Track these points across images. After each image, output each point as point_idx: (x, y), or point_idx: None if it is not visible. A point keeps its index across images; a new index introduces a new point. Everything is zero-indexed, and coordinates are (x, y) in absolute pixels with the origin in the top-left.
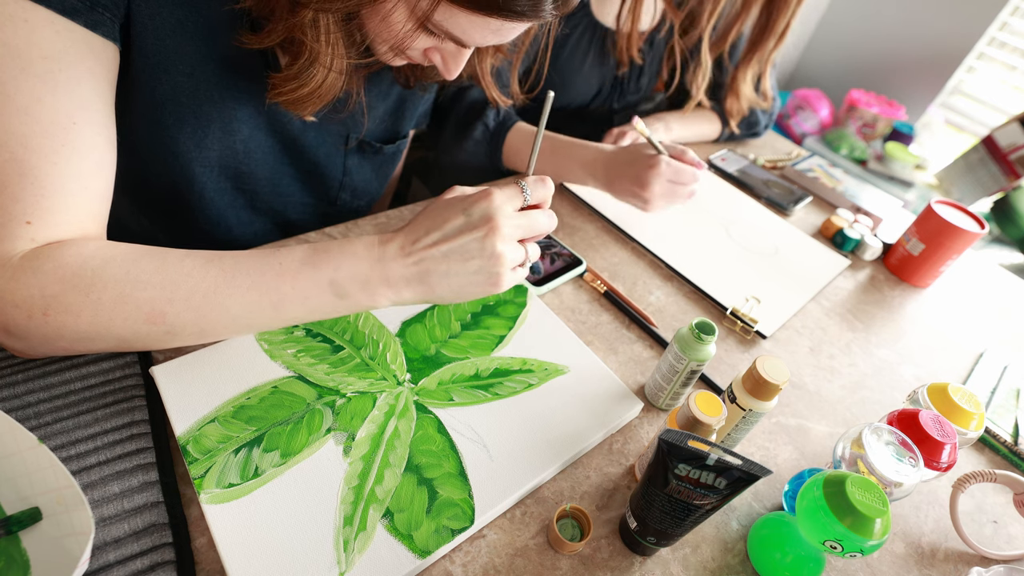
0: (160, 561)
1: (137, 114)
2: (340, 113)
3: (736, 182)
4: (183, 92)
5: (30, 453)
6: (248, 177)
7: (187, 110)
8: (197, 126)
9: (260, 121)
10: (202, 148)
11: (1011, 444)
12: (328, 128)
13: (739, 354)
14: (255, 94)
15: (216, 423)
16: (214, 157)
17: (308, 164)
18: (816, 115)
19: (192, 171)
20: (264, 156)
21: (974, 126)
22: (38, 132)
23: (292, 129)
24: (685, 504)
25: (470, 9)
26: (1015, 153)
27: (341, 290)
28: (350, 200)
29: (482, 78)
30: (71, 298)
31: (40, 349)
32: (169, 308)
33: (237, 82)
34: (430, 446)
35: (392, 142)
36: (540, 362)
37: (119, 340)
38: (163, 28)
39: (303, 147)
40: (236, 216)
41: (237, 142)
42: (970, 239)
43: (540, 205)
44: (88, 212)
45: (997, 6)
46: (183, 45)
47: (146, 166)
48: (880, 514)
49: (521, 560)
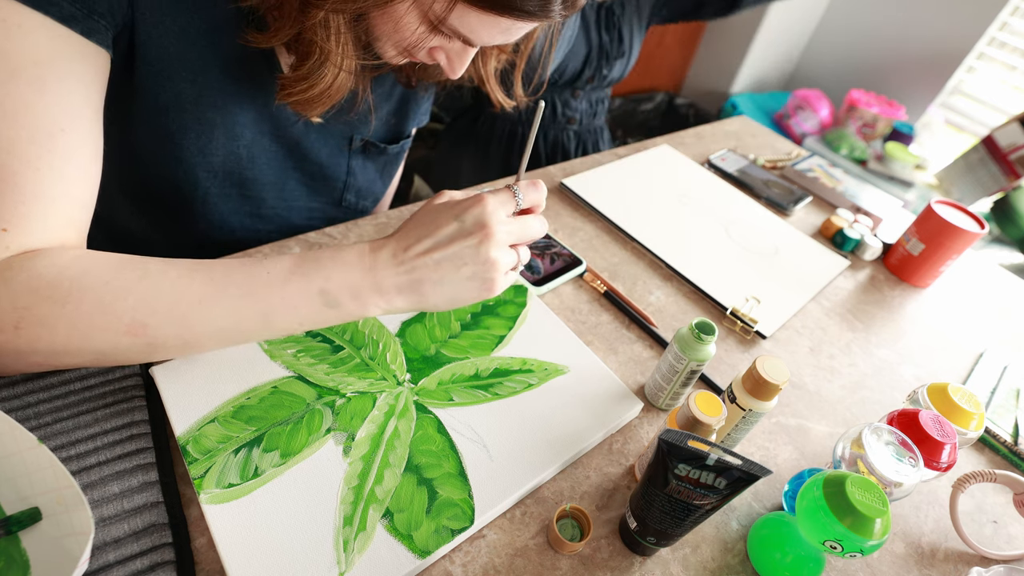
0: (160, 561)
1: (140, 120)
2: (347, 114)
3: (736, 182)
4: (187, 98)
5: (30, 453)
6: (252, 182)
7: (190, 116)
8: (201, 132)
9: (264, 126)
10: (206, 153)
11: (1011, 444)
12: (331, 130)
13: (739, 354)
14: (258, 99)
15: (216, 423)
16: (218, 162)
17: (312, 166)
18: (816, 115)
19: (196, 176)
20: (268, 160)
21: (974, 126)
22: (24, 138)
23: (295, 132)
24: (685, 504)
25: (484, 9)
26: (1015, 153)
27: (332, 300)
28: (355, 201)
29: (487, 81)
30: (45, 310)
31: (13, 366)
32: (151, 319)
33: (240, 87)
34: (430, 446)
35: (396, 142)
36: (540, 362)
37: (97, 354)
38: (167, 35)
39: (306, 150)
40: (240, 221)
41: (241, 147)
42: (970, 239)
43: (533, 209)
44: (68, 220)
45: (997, 6)
46: (186, 51)
47: (149, 171)
48: (880, 514)
49: (521, 560)
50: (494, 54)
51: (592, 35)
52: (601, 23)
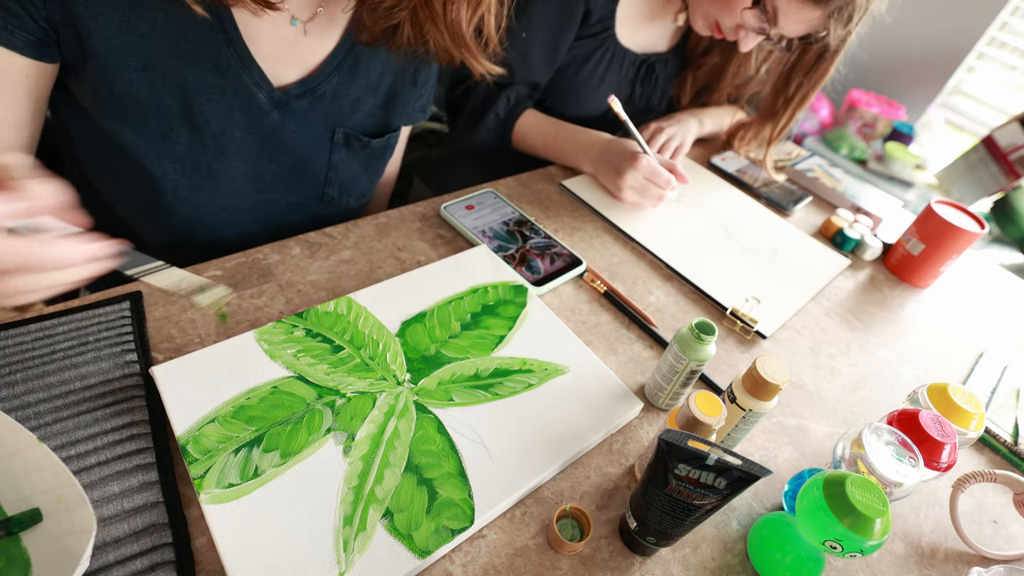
0: (160, 561)
1: (102, 113)
2: (328, 103)
3: (736, 182)
4: (140, 87)
5: (30, 452)
6: (222, 174)
7: (147, 106)
8: (160, 121)
9: (233, 116)
10: (168, 142)
11: (1011, 444)
12: (311, 122)
13: (739, 354)
14: (218, 87)
15: (216, 423)
16: (182, 152)
17: (290, 159)
18: (816, 115)
19: (163, 167)
20: (239, 151)
21: (974, 126)
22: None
23: (269, 123)
24: (685, 504)
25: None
26: (1015, 153)
27: None
28: (338, 196)
29: (458, 38)
30: None
31: None
32: None
33: (196, 75)
34: (430, 446)
35: (381, 136)
36: (540, 362)
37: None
38: (108, 25)
39: (282, 141)
40: (215, 214)
41: (206, 136)
42: (970, 239)
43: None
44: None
45: (997, 6)
46: (130, 39)
47: (117, 164)
48: (880, 514)
49: (521, 560)
50: (466, 11)
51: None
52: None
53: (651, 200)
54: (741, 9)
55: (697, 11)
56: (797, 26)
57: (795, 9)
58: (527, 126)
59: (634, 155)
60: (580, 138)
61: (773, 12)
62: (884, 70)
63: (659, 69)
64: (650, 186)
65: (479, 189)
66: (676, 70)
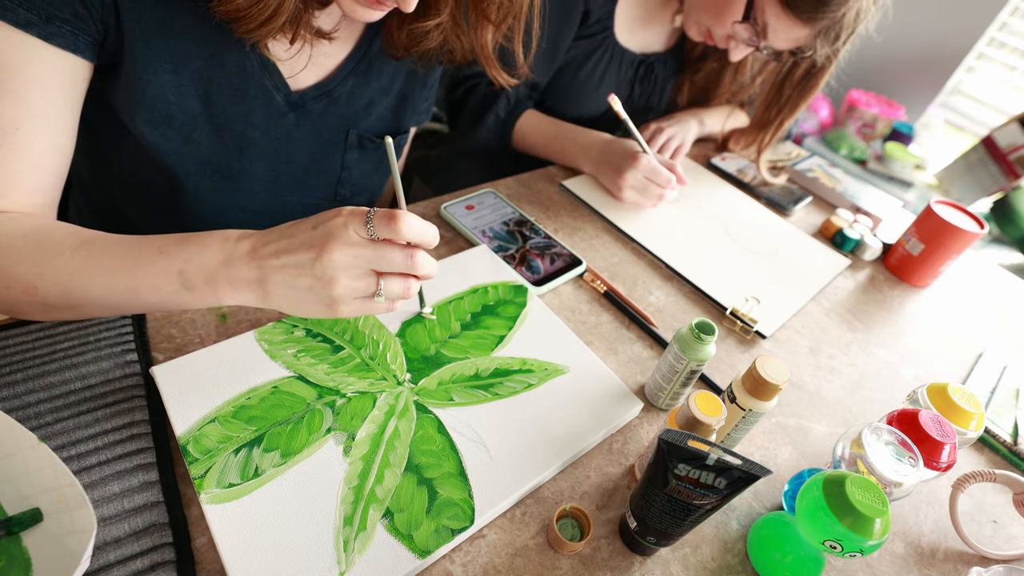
0: (160, 561)
1: (130, 114)
2: (342, 106)
3: (736, 182)
4: (169, 89)
5: (30, 452)
6: (243, 174)
7: (174, 107)
8: (184, 121)
9: (253, 117)
10: (191, 143)
11: (1011, 444)
12: (326, 123)
13: (739, 354)
14: (241, 90)
15: (216, 423)
16: (205, 153)
17: (304, 159)
18: (816, 115)
19: (186, 168)
20: (258, 152)
21: (974, 126)
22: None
23: (285, 124)
24: (685, 504)
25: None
26: (1015, 153)
27: (189, 282)
28: (350, 196)
29: (481, 52)
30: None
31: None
32: (40, 283)
33: (221, 77)
34: (430, 446)
35: (392, 137)
36: (540, 362)
37: (7, 306)
38: (148, 30)
39: (299, 142)
40: (234, 215)
41: (227, 137)
42: (970, 239)
43: (417, 244)
44: (18, 204)
45: (997, 6)
46: (167, 42)
47: (141, 165)
48: (880, 514)
49: (521, 560)
50: (489, 28)
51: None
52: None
53: (651, 199)
54: (732, 22)
55: (691, 18)
56: (785, 43)
57: (784, 27)
58: (527, 126)
59: (634, 155)
60: (580, 138)
61: (763, 27)
62: (884, 70)
63: (658, 69)
64: (650, 185)
65: (479, 189)
66: (674, 70)
